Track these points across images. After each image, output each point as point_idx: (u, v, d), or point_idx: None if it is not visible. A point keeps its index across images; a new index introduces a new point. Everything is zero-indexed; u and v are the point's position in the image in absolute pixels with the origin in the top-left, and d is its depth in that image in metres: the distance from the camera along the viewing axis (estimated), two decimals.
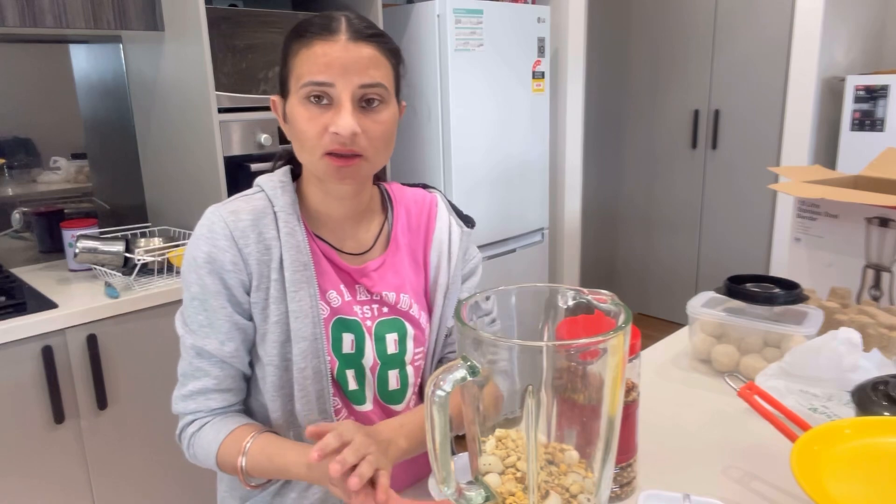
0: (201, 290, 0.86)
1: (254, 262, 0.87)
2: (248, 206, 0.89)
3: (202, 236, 0.87)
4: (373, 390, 0.95)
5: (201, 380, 0.88)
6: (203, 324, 0.87)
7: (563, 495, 0.63)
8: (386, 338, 0.94)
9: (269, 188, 0.91)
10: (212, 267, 0.86)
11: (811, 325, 1.15)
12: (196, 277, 0.86)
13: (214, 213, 0.88)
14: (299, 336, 0.87)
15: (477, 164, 2.55)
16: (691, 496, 0.78)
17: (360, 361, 0.93)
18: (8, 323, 1.51)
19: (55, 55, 2.05)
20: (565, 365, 0.60)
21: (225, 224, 0.86)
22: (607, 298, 0.67)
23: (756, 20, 3.21)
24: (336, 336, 0.91)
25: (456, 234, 1.00)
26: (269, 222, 0.88)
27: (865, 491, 0.72)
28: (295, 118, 0.84)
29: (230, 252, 0.86)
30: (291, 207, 0.90)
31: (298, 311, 0.87)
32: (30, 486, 1.60)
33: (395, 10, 2.48)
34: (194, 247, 0.87)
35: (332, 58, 0.80)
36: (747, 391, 0.92)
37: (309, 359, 0.88)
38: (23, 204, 2.04)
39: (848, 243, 1.39)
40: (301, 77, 0.82)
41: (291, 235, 0.88)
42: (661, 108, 3.68)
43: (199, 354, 0.88)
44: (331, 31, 0.82)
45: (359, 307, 0.93)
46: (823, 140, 3.08)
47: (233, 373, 0.90)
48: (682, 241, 3.75)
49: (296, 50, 0.84)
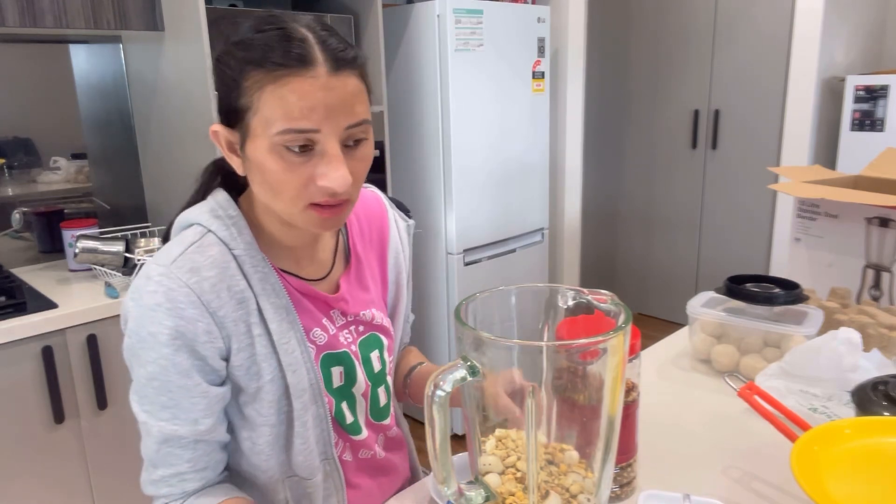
0: (163, 369, 0.72)
1: (230, 323, 0.74)
2: (207, 259, 0.74)
3: (160, 307, 0.71)
4: (365, 415, 0.91)
5: (173, 465, 0.76)
6: (167, 405, 0.73)
7: (563, 495, 0.63)
8: (370, 357, 0.90)
9: (217, 228, 0.77)
10: (181, 342, 0.72)
11: (811, 325, 1.15)
12: (156, 356, 0.72)
13: (167, 276, 0.72)
14: (298, 389, 0.79)
15: (477, 164, 2.55)
16: (691, 496, 0.78)
17: (351, 390, 0.87)
18: (8, 323, 1.51)
19: (55, 55, 2.05)
20: (565, 365, 0.60)
21: (189, 289, 0.72)
22: (607, 298, 0.67)
23: (756, 20, 3.21)
24: (326, 373, 0.84)
25: (403, 229, 0.98)
26: (235, 271, 0.75)
27: (865, 491, 0.72)
28: (266, 167, 0.70)
29: (203, 321, 0.72)
30: (253, 248, 0.77)
31: (293, 362, 0.78)
32: (30, 486, 1.60)
33: (395, 10, 2.48)
34: (151, 321, 0.71)
35: (316, 100, 0.67)
36: (747, 391, 0.92)
37: (310, 409, 0.81)
38: (23, 204, 2.04)
39: (848, 243, 1.39)
40: (273, 122, 0.67)
41: (264, 281, 0.77)
42: (661, 108, 3.68)
43: (167, 441, 0.75)
44: (306, 63, 0.67)
45: (342, 335, 0.86)
46: (823, 140, 3.08)
47: (209, 450, 0.78)
48: (682, 241, 3.75)
49: (257, 82, 0.68)
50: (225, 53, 0.72)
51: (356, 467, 0.91)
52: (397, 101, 2.57)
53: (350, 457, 0.90)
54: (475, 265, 2.63)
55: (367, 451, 0.92)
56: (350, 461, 0.90)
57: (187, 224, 0.80)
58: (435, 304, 2.64)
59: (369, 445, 0.92)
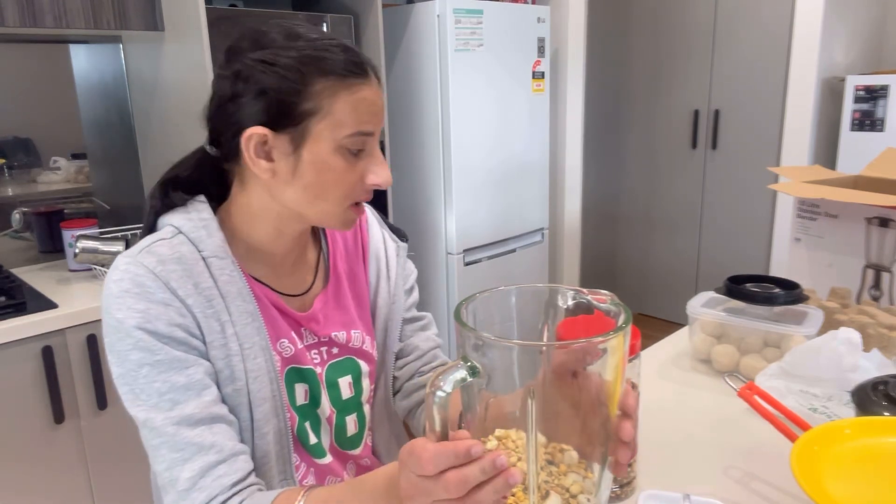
0: (145, 352, 0.71)
1: (201, 316, 0.73)
2: (172, 253, 0.74)
3: (127, 293, 0.70)
4: (330, 439, 0.87)
5: (196, 458, 0.70)
6: (163, 390, 0.71)
7: (563, 495, 0.63)
8: (339, 382, 0.86)
9: (188, 230, 0.77)
10: (154, 326, 0.70)
11: (811, 325, 1.15)
12: (133, 341, 0.70)
13: (133, 264, 0.72)
14: (259, 398, 0.76)
15: (477, 164, 2.55)
16: (691, 496, 0.78)
17: (316, 412, 0.85)
18: (8, 323, 1.51)
19: (55, 55, 2.05)
20: None
21: (154, 275, 0.71)
22: (607, 298, 0.67)
23: (756, 20, 3.21)
24: (289, 388, 0.81)
25: (392, 249, 0.95)
26: (202, 270, 0.75)
27: (865, 491, 0.72)
28: (329, 167, 0.73)
29: (173, 305, 0.71)
30: (223, 251, 0.77)
31: (256, 369, 0.76)
32: (30, 486, 1.60)
33: (395, 10, 2.48)
34: (119, 308, 0.70)
35: (377, 106, 0.75)
36: (747, 391, 0.92)
37: (271, 421, 0.78)
38: (23, 204, 2.04)
39: (848, 243, 1.39)
40: (345, 125, 0.72)
41: (231, 283, 0.76)
42: (661, 108, 3.68)
43: (178, 430, 0.70)
44: (367, 73, 0.74)
45: (311, 352, 0.84)
46: (823, 140, 3.08)
47: (227, 431, 0.74)
48: (682, 241, 3.75)
49: (329, 88, 0.71)
50: (275, 60, 0.73)
51: None
52: (397, 101, 2.57)
53: (313, 481, 0.86)
54: (475, 265, 2.63)
55: (334, 479, 0.88)
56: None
57: (162, 226, 0.80)
58: (435, 305, 2.64)
59: (336, 472, 0.88)
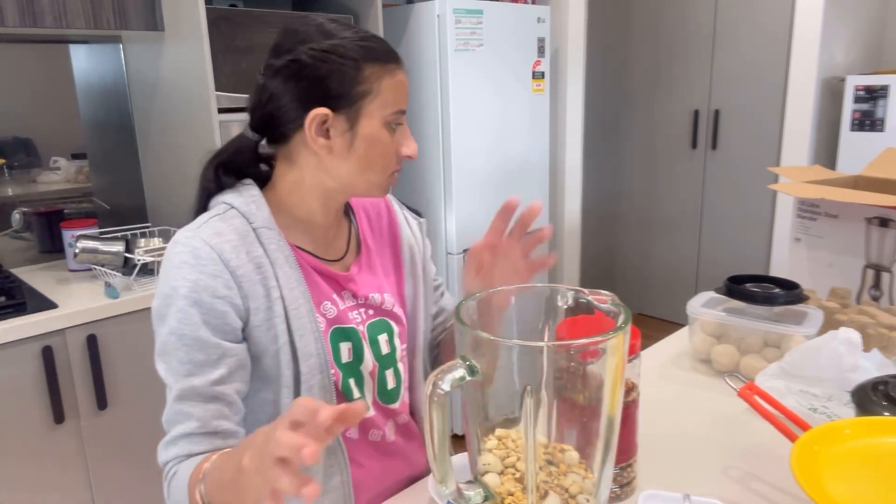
0: (181, 323, 0.80)
1: (247, 283, 0.83)
2: (228, 226, 0.84)
3: (184, 263, 0.81)
4: (373, 394, 0.96)
5: (184, 423, 0.80)
6: (184, 360, 0.81)
7: (562, 496, 0.63)
8: (378, 339, 0.96)
9: (240, 205, 0.87)
10: (199, 296, 0.80)
11: (811, 325, 1.15)
12: (176, 310, 0.80)
13: (193, 237, 0.82)
14: (305, 353, 0.86)
15: (477, 164, 2.55)
16: (691, 496, 0.78)
17: (359, 368, 0.93)
18: (8, 323, 1.51)
19: (55, 55, 2.05)
20: (565, 365, 0.60)
21: (210, 248, 0.81)
22: (607, 298, 0.67)
23: (756, 20, 3.21)
24: (335, 347, 0.91)
25: (415, 227, 1.07)
26: (253, 241, 0.85)
27: (865, 491, 0.72)
28: (380, 140, 0.86)
29: (222, 277, 0.81)
30: (270, 222, 0.87)
31: (301, 327, 0.86)
32: (30, 486, 1.60)
33: (395, 10, 2.48)
34: (175, 277, 0.81)
35: (407, 87, 0.89)
36: (747, 391, 0.92)
37: (315, 375, 0.87)
38: (23, 204, 2.04)
39: (848, 243, 1.39)
40: (388, 103, 0.85)
41: (279, 251, 0.86)
42: (661, 108, 3.68)
43: (182, 397, 0.81)
44: (398, 59, 0.88)
45: (351, 313, 0.94)
46: (823, 140, 3.08)
47: (221, 411, 0.81)
48: (682, 241, 3.75)
49: (375, 73, 0.84)
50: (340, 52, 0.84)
51: (364, 448, 0.95)
52: None
53: (357, 435, 0.94)
54: None
55: (376, 433, 0.96)
56: (357, 440, 0.94)
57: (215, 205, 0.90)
58: None
59: (378, 426, 0.96)
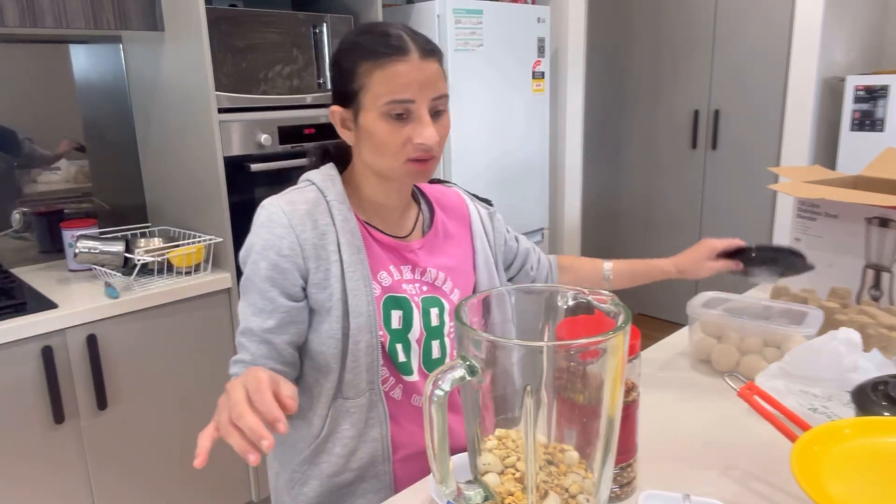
0: (252, 272, 0.95)
1: (310, 246, 0.95)
2: (303, 198, 0.98)
3: (262, 224, 0.95)
4: (418, 360, 1.03)
5: (241, 353, 0.96)
6: (250, 302, 0.96)
7: (562, 496, 0.63)
8: (430, 311, 1.04)
9: (319, 181, 1.00)
10: (267, 252, 0.94)
11: (811, 325, 1.15)
12: (251, 262, 0.95)
13: (273, 204, 0.97)
14: (356, 312, 0.95)
15: (477, 164, 2.55)
16: (691, 496, 0.78)
17: (407, 336, 1.01)
18: (8, 323, 1.51)
19: (55, 55, 2.05)
20: (565, 365, 0.60)
21: (283, 213, 0.95)
22: (607, 298, 0.67)
23: (756, 20, 3.21)
24: (386, 313, 0.99)
25: (485, 216, 1.17)
26: (323, 211, 0.97)
27: (865, 491, 0.72)
28: (375, 131, 0.92)
29: (288, 238, 0.94)
30: (342, 197, 0.99)
31: (355, 289, 0.96)
32: (30, 486, 1.60)
33: (395, 10, 2.48)
34: (254, 235, 0.96)
35: (411, 78, 0.90)
36: (747, 391, 0.92)
37: (363, 333, 0.96)
38: (23, 204, 2.04)
39: (848, 243, 1.39)
40: (380, 95, 0.90)
41: (345, 222, 0.97)
42: (661, 108, 3.68)
43: (244, 333, 0.96)
44: (403, 51, 0.90)
45: (407, 285, 1.02)
46: (823, 140, 3.08)
47: (271, 354, 0.95)
48: (682, 241, 3.73)
49: (367, 69, 0.91)
50: (339, 53, 0.96)
51: (406, 409, 1.02)
52: None
53: (400, 396, 1.02)
54: None
55: (418, 398, 1.03)
56: (400, 400, 1.02)
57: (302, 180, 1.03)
58: None
59: (420, 391, 1.02)
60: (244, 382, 0.71)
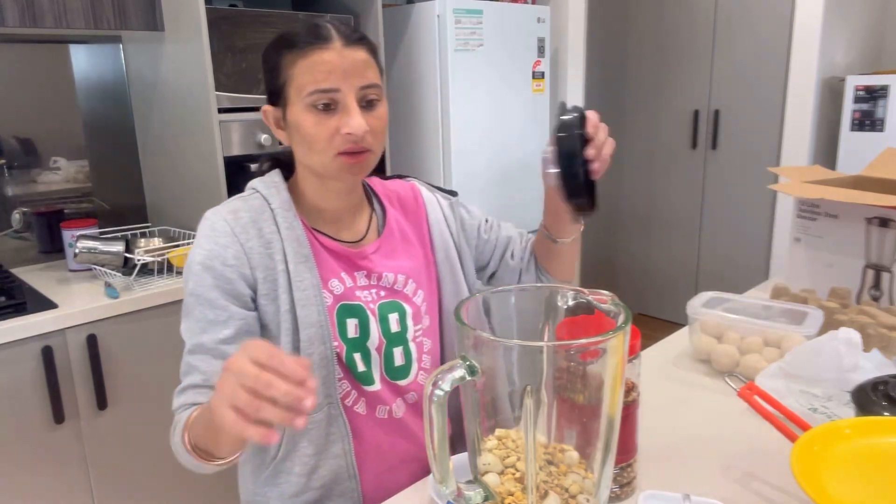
0: (196, 285, 0.90)
1: (256, 255, 0.91)
2: (246, 206, 0.95)
3: (204, 235, 0.92)
4: (380, 369, 0.99)
5: (192, 375, 0.90)
6: (198, 318, 0.90)
7: (562, 496, 0.63)
8: (388, 317, 1.00)
9: (263, 188, 0.97)
10: (211, 263, 0.90)
11: (811, 325, 1.15)
12: (193, 275, 0.90)
13: (214, 214, 0.94)
14: (306, 323, 0.92)
15: (477, 164, 2.55)
16: (691, 496, 0.78)
17: (366, 344, 0.98)
18: (8, 323, 1.51)
19: (55, 55, 2.05)
20: (565, 365, 0.60)
21: (225, 222, 0.92)
22: (607, 298, 0.67)
23: (756, 20, 3.21)
24: (341, 322, 0.96)
25: (446, 207, 1.11)
26: (268, 219, 0.94)
27: (865, 491, 0.72)
28: (301, 125, 0.89)
29: (232, 248, 0.90)
30: (287, 204, 0.95)
31: (304, 299, 0.92)
32: (30, 486, 1.60)
33: (395, 10, 2.48)
34: (196, 247, 0.92)
35: (333, 65, 0.86)
36: (747, 391, 0.92)
37: (315, 345, 0.92)
38: (23, 204, 2.04)
39: (848, 243, 1.39)
40: (303, 87, 0.87)
41: (290, 230, 0.93)
42: (661, 108, 3.68)
43: (193, 351, 0.90)
44: (324, 39, 0.87)
45: (361, 292, 0.98)
46: (823, 140, 3.08)
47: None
48: (682, 241, 3.74)
49: (290, 61, 0.89)
50: (267, 51, 0.94)
51: (369, 422, 0.98)
52: (397, 101, 2.57)
53: (364, 410, 0.98)
54: None
55: (382, 409, 0.99)
56: (363, 414, 0.98)
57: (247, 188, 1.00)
58: None
59: (384, 401, 0.99)
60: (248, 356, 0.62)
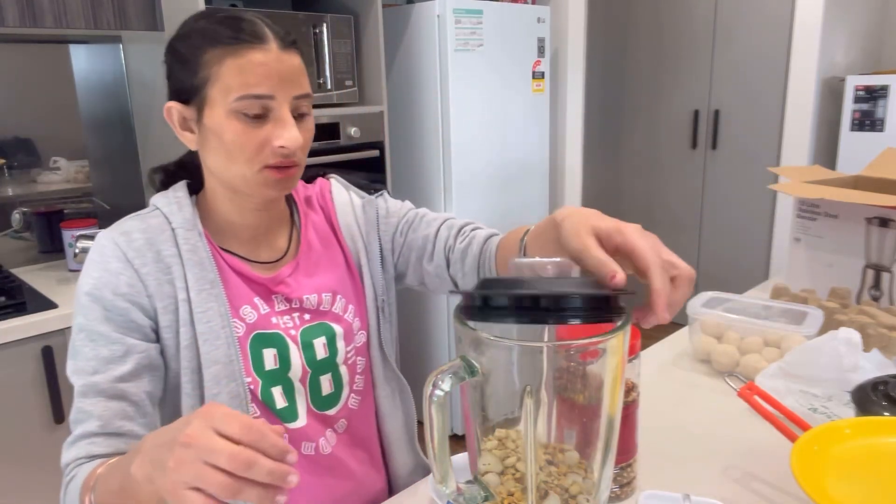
0: (86, 319, 0.79)
1: (153, 282, 0.80)
2: (142, 226, 0.83)
3: (92, 261, 0.80)
4: (305, 402, 0.89)
5: (85, 423, 0.78)
6: (89, 356, 0.79)
7: (562, 496, 0.63)
8: (313, 343, 0.90)
9: (163, 205, 0.85)
10: (101, 293, 0.78)
11: (811, 325, 1.15)
12: (81, 307, 0.79)
13: (104, 236, 0.82)
14: (210, 360, 0.81)
15: (477, 164, 2.55)
16: (691, 496, 0.78)
17: (287, 375, 0.87)
18: (8, 323, 1.51)
19: (55, 55, 2.05)
20: (565, 365, 0.60)
21: (116, 245, 0.80)
22: None
23: (756, 20, 3.21)
24: (256, 354, 0.85)
25: (358, 205, 0.98)
26: (167, 239, 0.82)
27: (865, 491, 0.72)
28: (224, 132, 0.77)
29: (125, 274, 0.79)
30: (191, 223, 0.84)
31: (208, 332, 0.81)
32: (30, 486, 1.60)
33: (395, 10, 2.48)
34: (84, 276, 0.80)
35: (269, 69, 0.76)
36: (747, 391, 0.92)
37: (223, 384, 0.82)
38: (23, 204, 2.04)
39: (848, 243, 1.39)
40: (232, 89, 0.76)
41: (193, 252, 0.82)
42: (661, 108, 3.68)
43: (85, 394, 0.79)
44: (259, 39, 0.76)
45: (278, 318, 0.88)
46: (823, 140, 3.08)
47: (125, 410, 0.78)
48: (682, 241, 3.74)
49: (215, 57, 0.76)
50: (177, 39, 0.81)
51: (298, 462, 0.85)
52: (397, 102, 2.57)
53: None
54: None
55: (308, 445, 0.90)
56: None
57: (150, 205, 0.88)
58: (435, 304, 2.64)
59: (310, 437, 0.90)
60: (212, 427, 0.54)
